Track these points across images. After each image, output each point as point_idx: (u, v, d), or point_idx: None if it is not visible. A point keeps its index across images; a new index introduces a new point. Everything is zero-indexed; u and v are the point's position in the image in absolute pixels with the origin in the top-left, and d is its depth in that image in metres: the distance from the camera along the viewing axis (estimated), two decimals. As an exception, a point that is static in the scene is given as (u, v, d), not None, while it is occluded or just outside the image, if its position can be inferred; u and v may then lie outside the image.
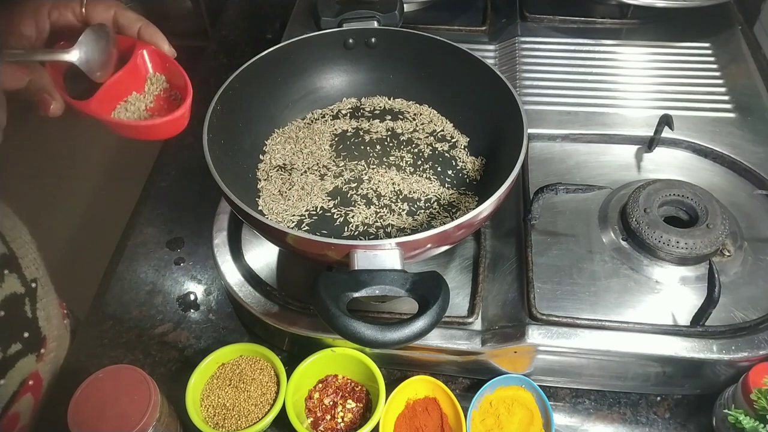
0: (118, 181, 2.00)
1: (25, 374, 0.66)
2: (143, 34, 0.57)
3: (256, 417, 0.60)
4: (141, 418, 0.54)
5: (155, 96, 0.59)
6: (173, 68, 0.59)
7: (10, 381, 0.64)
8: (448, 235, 0.54)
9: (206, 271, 0.77)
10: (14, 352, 0.64)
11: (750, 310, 0.63)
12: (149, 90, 0.59)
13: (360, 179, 0.70)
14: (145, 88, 0.59)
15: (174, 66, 0.59)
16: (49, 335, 0.70)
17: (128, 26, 0.57)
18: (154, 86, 0.59)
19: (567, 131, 0.82)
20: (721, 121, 0.82)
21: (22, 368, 0.65)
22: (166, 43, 0.58)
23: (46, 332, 0.69)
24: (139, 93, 0.59)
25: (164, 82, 0.60)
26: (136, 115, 0.57)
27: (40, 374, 0.68)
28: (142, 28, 0.57)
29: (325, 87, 0.79)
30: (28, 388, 0.66)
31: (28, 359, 0.66)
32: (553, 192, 0.66)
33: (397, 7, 0.79)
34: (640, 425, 0.63)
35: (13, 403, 0.64)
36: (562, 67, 0.90)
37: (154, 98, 0.59)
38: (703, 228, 0.66)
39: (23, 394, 0.65)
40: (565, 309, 0.63)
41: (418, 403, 0.62)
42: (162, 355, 0.70)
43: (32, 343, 0.66)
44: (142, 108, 0.58)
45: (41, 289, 0.69)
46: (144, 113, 0.58)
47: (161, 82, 0.60)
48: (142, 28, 0.57)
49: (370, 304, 0.67)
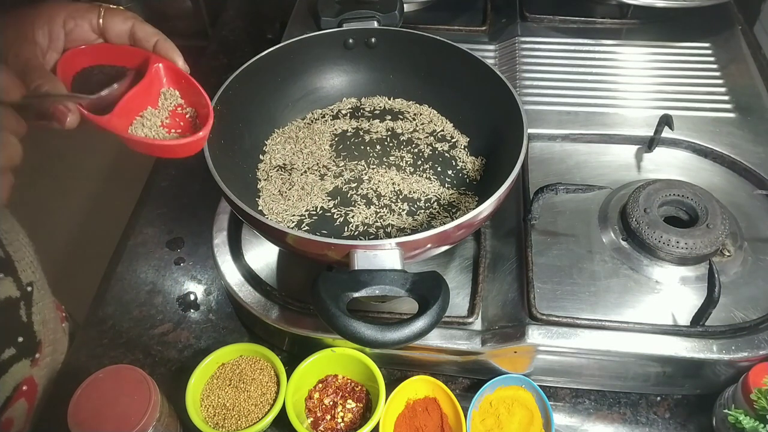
0: (118, 181, 2.00)
1: (19, 379, 0.65)
2: (159, 48, 0.57)
3: (256, 417, 0.60)
4: (141, 418, 0.53)
5: (170, 111, 0.59)
6: (188, 84, 0.59)
7: (4, 386, 0.63)
8: (448, 235, 0.54)
9: (206, 271, 0.77)
10: (8, 357, 0.63)
11: (750, 310, 0.63)
12: (163, 105, 0.59)
13: (360, 179, 0.70)
14: (159, 103, 0.59)
15: (189, 82, 0.58)
16: (44, 340, 0.69)
17: (145, 39, 0.57)
18: (168, 101, 0.59)
19: (567, 131, 0.82)
20: (721, 121, 0.82)
21: (16, 373, 0.64)
22: (181, 58, 0.58)
23: (42, 337, 0.68)
24: (153, 108, 0.58)
25: (178, 97, 0.59)
26: (153, 131, 0.57)
27: (35, 379, 0.67)
28: (159, 42, 0.57)
29: (325, 87, 0.79)
30: (22, 393, 0.65)
31: (22, 364, 0.65)
32: (553, 192, 0.66)
33: (397, 7, 0.79)
34: (640, 425, 0.63)
35: (6, 408, 0.63)
36: (562, 67, 0.90)
37: (170, 114, 0.59)
38: (703, 228, 0.66)
39: (17, 399, 0.65)
40: (565, 309, 0.63)
41: (418, 403, 0.62)
42: (162, 355, 0.70)
43: (27, 347, 0.66)
44: (158, 123, 0.57)
45: (37, 293, 0.68)
46: (160, 129, 0.57)
47: (175, 97, 0.59)
48: (158, 43, 0.57)
49: (370, 304, 0.67)
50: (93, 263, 0.92)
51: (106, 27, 0.55)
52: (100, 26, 0.55)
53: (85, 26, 0.54)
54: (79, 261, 1.53)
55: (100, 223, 1.51)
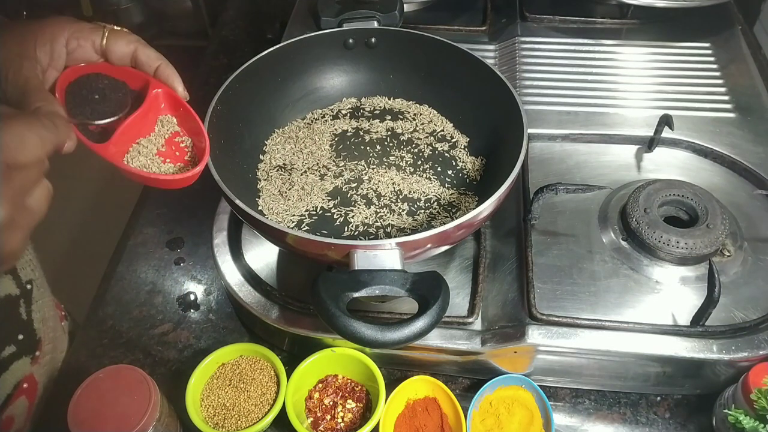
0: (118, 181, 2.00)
1: (20, 377, 0.65)
2: (160, 73, 0.56)
3: (256, 417, 0.60)
4: (141, 418, 0.53)
5: (166, 140, 0.58)
6: (186, 113, 0.58)
7: (4, 384, 0.63)
8: (448, 235, 0.54)
9: (206, 271, 0.77)
10: (8, 354, 0.63)
11: (750, 310, 0.63)
12: (159, 131, 0.58)
13: (360, 179, 0.70)
14: (155, 129, 0.58)
15: (187, 111, 0.58)
16: (44, 337, 0.69)
17: (147, 64, 0.56)
18: (164, 128, 0.58)
19: (567, 131, 0.82)
20: (721, 121, 0.82)
21: (17, 371, 0.64)
22: (181, 85, 0.57)
23: (42, 334, 0.68)
24: (150, 135, 0.57)
25: (175, 125, 0.59)
26: (148, 159, 0.56)
27: (35, 377, 0.67)
28: (161, 67, 0.56)
29: (325, 87, 0.79)
30: (23, 391, 0.65)
31: (23, 362, 0.65)
32: (553, 192, 0.66)
33: (397, 7, 0.79)
34: (640, 425, 0.63)
35: (7, 406, 0.64)
36: (562, 67, 0.90)
37: (165, 142, 0.58)
38: (703, 228, 0.66)
39: (17, 397, 0.65)
40: (565, 309, 0.63)
41: (418, 403, 0.62)
42: (162, 355, 0.70)
43: (27, 345, 0.66)
44: (153, 152, 0.57)
45: (37, 291, 0.68)
46: (156, 158, 0.57)
47: (172, 124, 0.59)
48: (160, 67, 0.56)
49: (370, 304, 0.67)
50: (93, 263, 0.92)
51: (109, 49, 0.54)
52: (103, 47, 0.54)
53: (87, 47, 0.54)
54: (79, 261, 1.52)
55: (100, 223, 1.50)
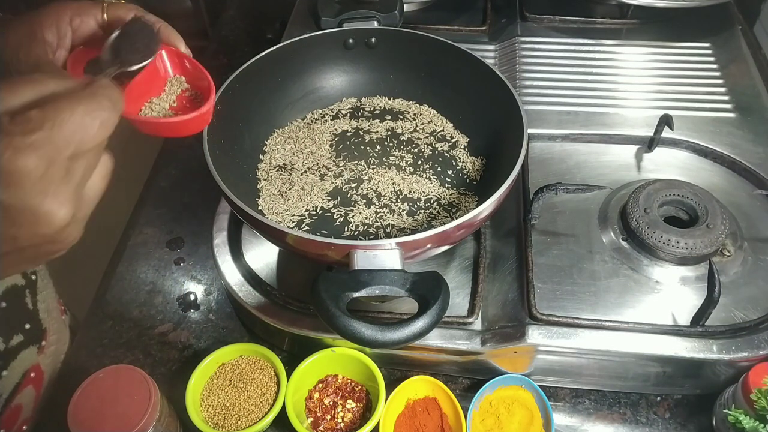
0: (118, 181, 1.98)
1: (27, 366, 0.67)
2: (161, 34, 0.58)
3: (256, 417, 0.60)
4: (141, 418, 0.54)
5: (177, 96, 0.60)
6: (192, 66, 0.59)
7: (13, 372, 0.65)
8: (448, 235, 0.54)
9: (206, 271, 0.77)
10: (16, 343, 0.65)
11: (750, 310, 0.63)
12: (170, 90, 0.60)
13: (360, 179, 0.70)
14: (166, 89, 0.60)
15: (193, 64, 0.59)
16: (49, 328, 0.70)
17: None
18: (174, 87, 0.60)
19: (567, 131, 0.82)
20: (721, 121, 0.82)
21: (24, 360, 0.66)
22: (183, 42, 0.59)
23: (47, 324, 0.70)
24: (160, 94, 0.59)
25: (184, 82, 0.60)
26: (161, 115, 0.58)
27: (42, 367, 0.69)
28: (161, 28, 0.58)
29: (325, 87, 0.79)
30: (30, 380, 0.67)
31: (30, 351, 0.67)
32: (553, 192, 0.66)
33: (397, 7, 0.79)
34: (640, 425, 0.63)
35: (15, 394, 0.65)
36: (562, 67, 0.90)
37: (176, 98, 0.60)
38: (703, 228, 0.66)
39: (25, 386, 0.66)
40: (565, 309, 0.63)
41: (418, 403, 0.62)
42: (162, 355, 0.70)
43: (33, 334, 0.67)
44: (166, 107, 0.59)
45: (41, 282, 0.70)
46: (168, 112, 0.58)
47: (181, 82, 0.60)
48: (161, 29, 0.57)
49: (370, 304, 0.67)
50: (93, 263, 0.92)
51: (110, 20, 0.56)
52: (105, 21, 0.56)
53: (90, 22, 0.56)
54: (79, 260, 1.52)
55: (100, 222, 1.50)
